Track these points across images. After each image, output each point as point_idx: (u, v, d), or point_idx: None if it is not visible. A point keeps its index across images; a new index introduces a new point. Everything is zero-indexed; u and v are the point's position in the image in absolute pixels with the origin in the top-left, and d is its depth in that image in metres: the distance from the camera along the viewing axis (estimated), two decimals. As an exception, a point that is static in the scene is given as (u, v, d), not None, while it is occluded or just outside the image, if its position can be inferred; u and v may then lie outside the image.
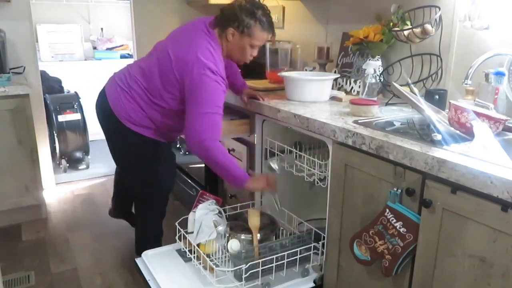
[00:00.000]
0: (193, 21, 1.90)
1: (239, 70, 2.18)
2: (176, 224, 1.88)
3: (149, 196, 2.08)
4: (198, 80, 1.71)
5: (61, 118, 3.69)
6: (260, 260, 1.67)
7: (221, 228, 1.76)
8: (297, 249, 1.73)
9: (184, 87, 1.76)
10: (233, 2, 1.81)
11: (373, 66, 1.92)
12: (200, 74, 1.70)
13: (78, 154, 3.85)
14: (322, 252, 1.74)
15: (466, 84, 1.54)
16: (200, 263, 1.77)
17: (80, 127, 3.76)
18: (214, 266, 1.68)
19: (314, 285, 1.75)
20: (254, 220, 1.87)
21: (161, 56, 1.81)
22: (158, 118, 1.88)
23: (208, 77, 1.70)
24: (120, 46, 4.99)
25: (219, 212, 1.81)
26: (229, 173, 1.78)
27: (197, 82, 1.71)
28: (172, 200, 3.20)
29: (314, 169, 1.80)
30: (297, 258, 1.74)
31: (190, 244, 1.79)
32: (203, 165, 2.57)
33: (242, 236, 1.83)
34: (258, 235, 1.84)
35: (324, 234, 1.70)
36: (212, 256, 1.79)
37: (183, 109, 1.79)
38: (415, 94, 1.62)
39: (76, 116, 3.75)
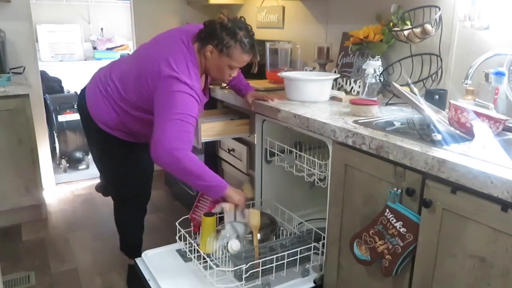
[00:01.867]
0: (178, 30, 1.83)
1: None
2: (177, 224, 1.88)
3: (112, 193, 2.13)
4: (169, 90, 1.63)
5: (61, 118, 3.69)
6: (260, 260, 1.67)
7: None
8: (297, 249, 1.73)
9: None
10: (216, 18, 1.71)
11: (373, 66, 1.92)
12: (172, 86, 1.63)
13: (78, 154, 3.85)
14: (322, 252, 1.74)
15: (466, 84, 1.54)
16: (200, 263, 1.77)
17: (80, 127, 3.75)
18: (214, 266, 1.68)
19: (314, 285, 1.75)
20: (254, 220, 1.87)
21: (140, 65, 1.75)
22: (132, 124, 1.84)
23: (180, 90, 1.63)
24: (120, 46, 5.00)
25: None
26: (205, 183, 1.67)
27: (168, 92, 1.64)
28: (172, 200, 3.21)
29: (314, 169, 1.80)
30: (297, 258, 1.74)
31: (190, 244, 1.79)
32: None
33: None
34: (258, 235, 1.84)
35: (324, 234, 1.70)
36: (212, 256, 1.79)
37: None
38: (415, 94, 1.62)
39: (76, 116, 3.74)
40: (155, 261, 1.87)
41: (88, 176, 3.70)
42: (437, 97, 1.69)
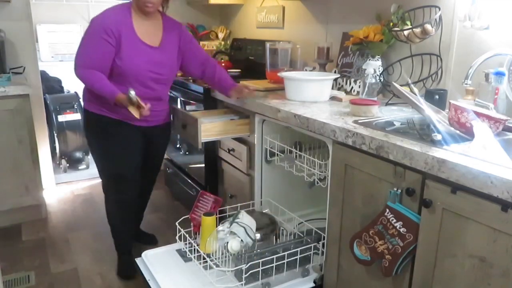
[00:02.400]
0: None
1: (239, 70, 2.17)
2: (177, 224, 1.88)
3: (102, 180, 2.17)
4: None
5: (61, 118, 3.69)
6: (260, 260, 1.67)
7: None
8: (297, 249, 1.73)
9: None
10: None
11: (373, 66, 1.92)
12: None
13: (78, 154, 3.85)
14: (322, 252, 1.74)
15: (466, 84, 1.54)
16: (200, 263, 1.77)
17: (80, 127, 3.75)
18: (214, 266, 1.68)
19: (314, 285, 1.75)
20: None
21: None
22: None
23: (90, 26, 1.91)
24: (120, 46, 4.99)
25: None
26: (101, 92, 1.91)
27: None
28: (172, 200, 3.21)
29: (314, 169, 1.80)
30: (297, 258, 1.74)
31: (190, 244, 1.79)
32: (203, 165, 2.57)
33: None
34: (258, 234, 1.84)
35: (324, 234, 1.70)
36: (212, 256, 1.79)
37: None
38: (415, 94, 1.62)
39: (76, 116, 3.75)
40: (155, 261, 1.87)
41: (88, 176, 3.70)
42: (437, 97, 1.69)
